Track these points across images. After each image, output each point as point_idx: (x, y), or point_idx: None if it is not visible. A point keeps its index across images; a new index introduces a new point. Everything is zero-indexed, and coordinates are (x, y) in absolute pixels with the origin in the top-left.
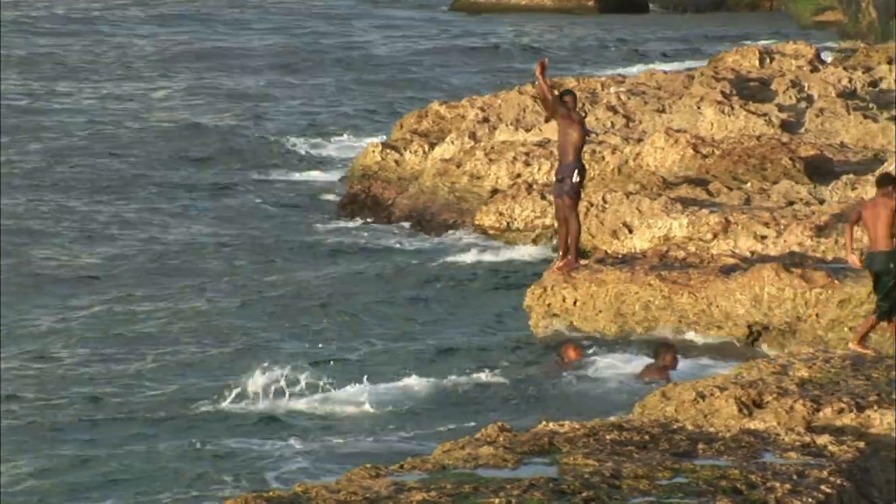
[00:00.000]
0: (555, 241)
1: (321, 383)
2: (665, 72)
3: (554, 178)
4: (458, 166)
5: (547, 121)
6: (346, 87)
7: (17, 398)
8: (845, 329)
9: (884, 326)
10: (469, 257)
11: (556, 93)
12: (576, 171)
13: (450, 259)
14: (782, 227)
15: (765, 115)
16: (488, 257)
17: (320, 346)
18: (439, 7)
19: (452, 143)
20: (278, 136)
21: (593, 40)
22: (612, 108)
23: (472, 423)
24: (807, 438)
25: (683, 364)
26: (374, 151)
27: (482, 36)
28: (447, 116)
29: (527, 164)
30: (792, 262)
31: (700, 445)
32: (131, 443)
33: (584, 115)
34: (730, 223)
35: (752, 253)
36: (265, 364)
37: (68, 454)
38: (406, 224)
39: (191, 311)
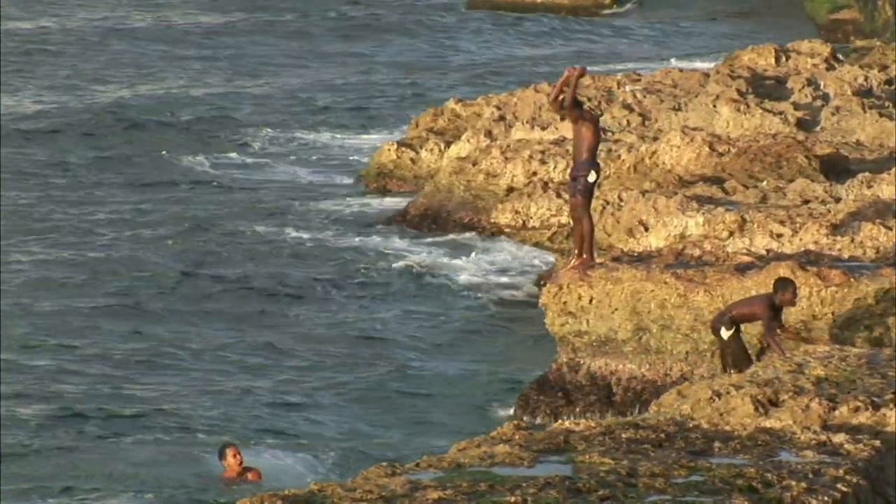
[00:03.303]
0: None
1: (326, 382)
2: (681, 70)
3: (569, 177)
4: (474, 164)
5: (562, 119)
6: (357, 86)
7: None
8: (861, 328)
9: None
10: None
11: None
12: (591, 171)
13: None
14: (798, 225)
15: (780, 113)
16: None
17: (325, 345)
18: (456, 7)
19: (468, 141)
20: (291, 131)
21: (610, 38)
22: (628, 107)
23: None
24: (822, 437)
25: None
26: (389, 150)
27: (496, 35)
28: (463, 115)
29: (543, 162)
30: (808, 260)
31: (716, 444)
32: (141, 446)
33: (599, 113)
34: (745, 221)
35: (768, 251)
36: (274, 362)
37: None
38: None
39: (202, 310)
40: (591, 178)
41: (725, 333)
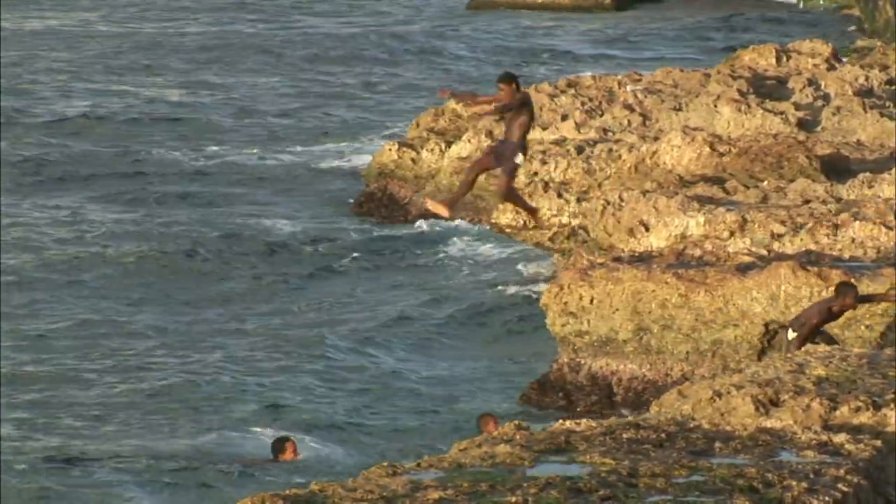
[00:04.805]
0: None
1: (329, 383)
2: (682, 69)
3: (492, 151)
4: None
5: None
6: (357, 88)
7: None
8: (861, 327)
9: None
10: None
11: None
12: (520, 154)
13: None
14: (799, 225)
15: (781, 113)
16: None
17: (323, 345)
18: (456, 7)
19: (469, 141)
20: (293, 135)
21: (610, 36)
22: (629, 107)
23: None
24: (823, 437)
25: None
26: (390, 150)
27: (498, 35)
28: (464, 115)
29: (543, 162)
30: (808, 260)
31: (717, 444)
32: (140, 438)
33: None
34: (746, 221)
35: (769, 251)
36: (280, 361)
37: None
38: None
39: (204, 310)
40: (519, 159)
41: (791, 335)
